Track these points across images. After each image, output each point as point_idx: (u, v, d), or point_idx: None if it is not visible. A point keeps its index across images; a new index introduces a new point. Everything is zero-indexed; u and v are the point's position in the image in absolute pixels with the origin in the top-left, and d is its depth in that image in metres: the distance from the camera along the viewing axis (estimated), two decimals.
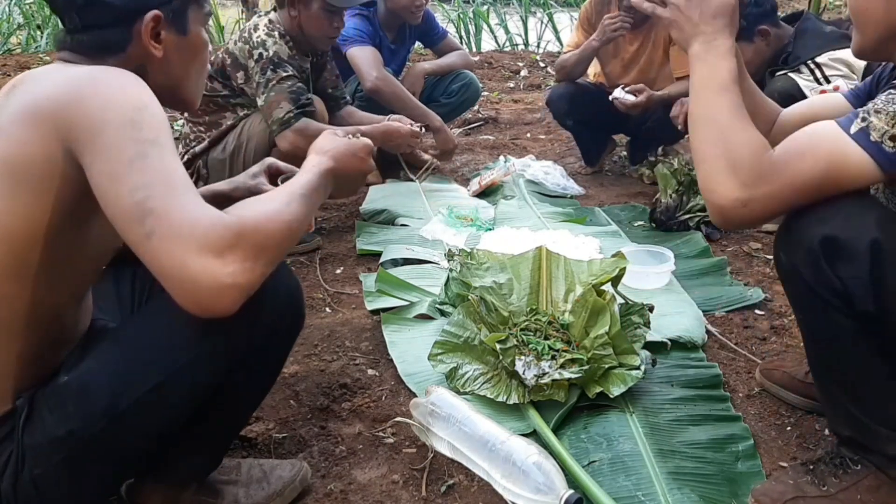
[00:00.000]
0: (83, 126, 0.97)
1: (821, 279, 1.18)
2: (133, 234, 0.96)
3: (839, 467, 1.31)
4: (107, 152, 0.97)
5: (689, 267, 2.39)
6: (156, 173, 0.97)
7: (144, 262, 0.97)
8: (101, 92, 1.00)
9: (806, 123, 1.23)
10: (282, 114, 2.44)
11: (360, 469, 1.50)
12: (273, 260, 1.02)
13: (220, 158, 2.54)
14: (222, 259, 0.95)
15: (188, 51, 1.19)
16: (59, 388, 1.07)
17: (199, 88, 1.27)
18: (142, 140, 0.97)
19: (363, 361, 1.90)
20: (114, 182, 0.96)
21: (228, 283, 0.95)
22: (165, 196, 0.96)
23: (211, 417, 1.22)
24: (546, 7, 7.57)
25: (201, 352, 1.08)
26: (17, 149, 0.99)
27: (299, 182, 1.15)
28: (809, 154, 1.15)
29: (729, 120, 1.19)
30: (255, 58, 2.47)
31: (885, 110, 1.12)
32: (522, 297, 1.88)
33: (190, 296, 0.95)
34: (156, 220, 0.95)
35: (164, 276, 0.96)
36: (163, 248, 0.94)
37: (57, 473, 1.06)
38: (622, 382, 1.62)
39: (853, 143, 1.12)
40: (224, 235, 0.96)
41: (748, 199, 1.15)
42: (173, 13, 1.15)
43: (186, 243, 0.94)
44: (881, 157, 1.11)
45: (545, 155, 3.83)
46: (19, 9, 7.19)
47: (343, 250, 2.66)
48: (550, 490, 1.31)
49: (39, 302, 1.05)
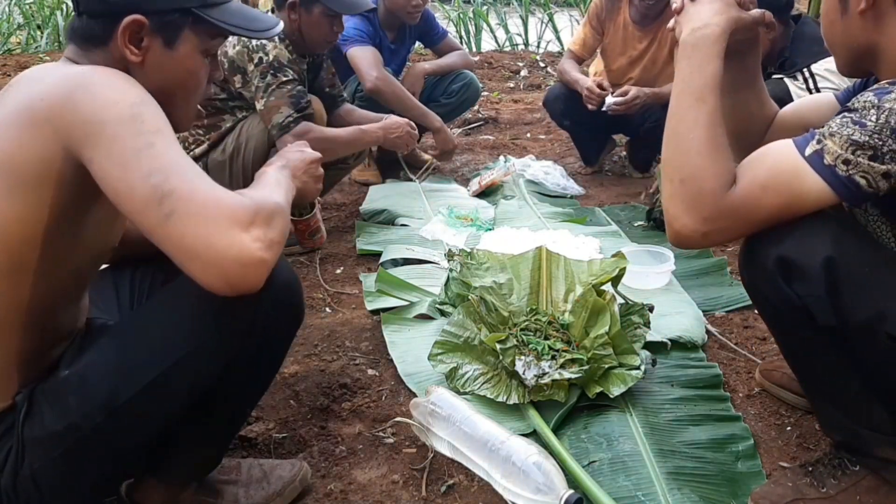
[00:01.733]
0: (82, 124, 0.98)
1: (781, 297, 1.19)
2: (150, 218, 0.96)
3: (838, 468, 1.31)
4: (112, 145, 0.97)
5: (689, 267, 2.39)
6: (167, 159, 0.98)
7: (163, 244, 0.97)
8: (96, 90, 1.00)
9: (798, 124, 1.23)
10: (282, 118, 2.44)
11: (360, 469, 1.51)
12: (281, 238, 1.04)
13: (219, 160, 2.54)
14: (249, 233, 0.96)
15: (170, 68, 1.14)
16: (59, 382, 1.08)
17: (186, 111, 1.21)
18: (145, 132, 0.98)
19: (363, 361, 1.90)
20: (125, 171, 0.96)
21: (259, 256, 0.97)
22: (182, 177, 0.97)
23: (211, 415, 1.22)
24: (546, 7, 7.56)
25: (201, 345, 1.08)
26: (14, 149, 0.99)
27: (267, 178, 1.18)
28: (771, 188, 1.15)
29: (698, 144, 1.18)
30: (255, 62, 2.46)
31: (839, 133, 1.11)
32: (522, 297, 1.88)
33: (218, 271, 0.95)
34: (176, 199, 0.95)
35: (189, 254, 0.96)
36: (186, 226, 0.95)
37: (56, 468, 1.07)
38: (622, 382, 1.62)
39: (809, 170, 1.12)
40: (247, 210, 0.98)
41: (707, 232, 1.17)
42: (162, 24, 1.11)
43: (213, 219, 0.95)
44: (835, 183, 1.11)
45: (545, 155, 3.83)
46: (19, 9, 7.19)
47: (343, 250, 2.66)
48: (550, 490, 1.31)
49: (36, 300, 1.05)
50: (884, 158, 1.08)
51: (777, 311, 1.24)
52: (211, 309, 1.06)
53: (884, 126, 1.08)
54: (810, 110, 1.47)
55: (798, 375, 1.39)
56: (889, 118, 1.08)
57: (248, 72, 2.48)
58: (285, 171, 1.23)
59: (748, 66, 1.42)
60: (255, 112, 2.52)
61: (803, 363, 1.32)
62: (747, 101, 1.46)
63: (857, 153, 1.09)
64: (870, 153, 1.09)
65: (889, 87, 1.11)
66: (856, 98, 1.14)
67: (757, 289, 1.26)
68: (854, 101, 1.13)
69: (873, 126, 1.08)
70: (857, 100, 1.13)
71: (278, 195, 1.12)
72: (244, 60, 2.47)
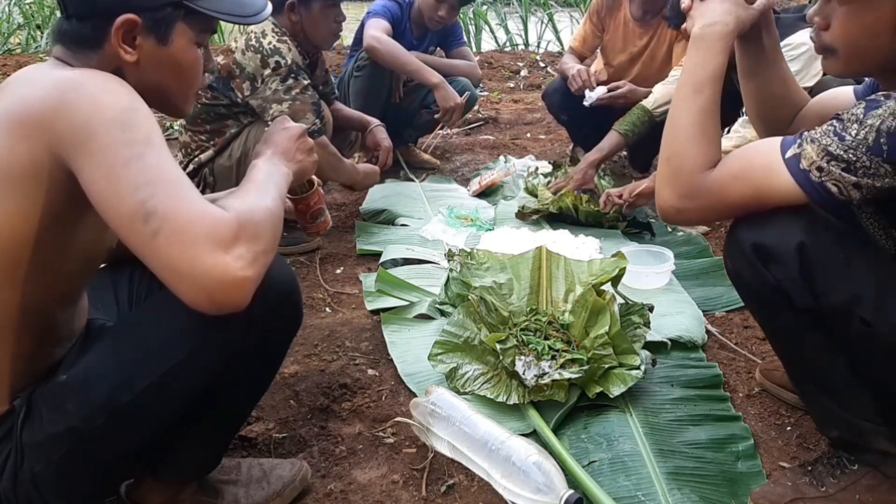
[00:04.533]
0: (70, 131, 0.97)
1: (761, 280, 1.26)
2: (136, 235, 0.96)
3: (837, 467, 1.31)
4: (100, 155, 0.96)
5: (689, 267, 2.39)
6: (155, 172, 0.97)
7: (148, 262, 0.97)
8: (85, 96, 0.99)
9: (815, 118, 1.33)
10: (307, 125, 2.42)
11: (360, 469, 1.51)
12: (270, 248, 1.03)
13: (226, 165, 2.51)
14: (231, 253, 0.96)
15: (167, 63, 1.14)
16: (59, 385, 1.08)
17: (186, 99, 1.21)
18: (134, 141, 0.97)
19: (363, 361, 1.90)
20: (112, 184, 0.96)
21: (241, 275, 0.96)
22: (168, 194, 0.96)
23: (211, 414, 1.22)
24: (546, 7, 7.57)
25: (199, 346, 1.08)
26: (4, 154, 0.98)
27: (257, 173, 1.18)
28: (742, 179, 1.22)
29: (687, 129, 1.28)
30: (273, 66, 2.40)
31: (819, 141, 1.15)
32: (522, 297, 1.88)
33: (202, 292, 0.96)
34: (161, 219, 0.95)
35: (173, 274, 0.96)
36: (171, 246, 0.94)
37: (57, 470, 1.07)
38: (622, 382, 1.62)
39: (784, 170, 1.18)
40: (229, 229, 0.97)
41: (682, 209, 1.28)
42: (154, 21, 1.10)
43: (195, 240, 0.94)
44: (807, 186, 1.16)
45: (545, 155, 3.83)
46: (19, 9, 7.19)
47: (343, 250, 2.66)
48: (550, 490, 1.31)
49: (30, 303, 1.05)
50: (857, 172, 1.12)
51: (758, 294, 1.29)
52: None
53: (861, 143, 1.11)
54: (827, 104, 1.50)
55: (787, 365, 1.41)
56: (868, 136, 1.10)
57: (262, 78, 2.41)
58: (275, 159, 1.23)
59: (765, 47, 1.47)
60: (259, 118, 2.50)
61: (789, 348, 1.35)
62: (769, 83, 1.51)
63: (831, 163, 1.13)
64: (843, 165, 1.12)
65: (881, 100, 1.12)
66: (848, 109, 1.16)
67: (738, 273, 1.31)
68: (845, 112, 1.16)
69: (851, 141, 1.12)
70: (848, 110, 1.15)
71: (268, 197, 1.10)
72: (257, 67, 2.41)
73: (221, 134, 2.53)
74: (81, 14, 1.10)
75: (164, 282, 0.98)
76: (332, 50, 5.29)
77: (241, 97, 2.47)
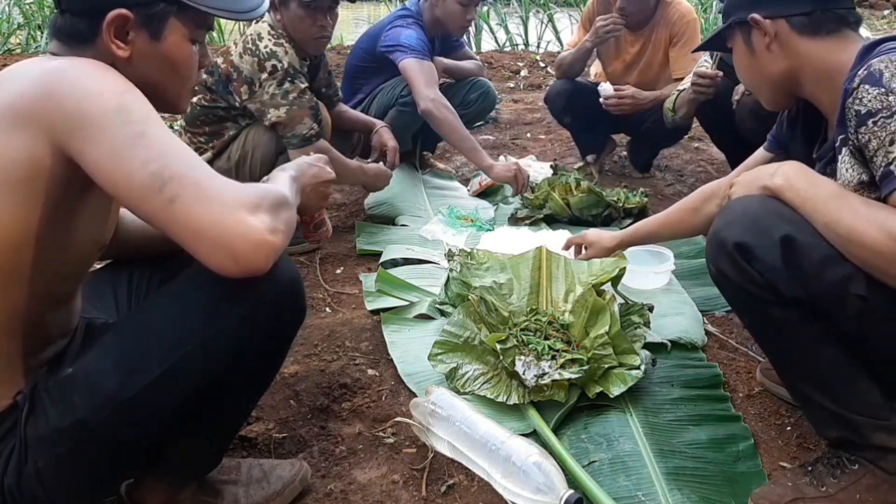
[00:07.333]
0: (66, 118, 0.97)
1: (745, 277, 1.26)
2: (152, 204, 0.96)
3: (837, 467, 1.31)
4: (102, 137, 0.96)
5: (689, 267, 2.39)
6: (163, 145, 0.98)
7: (168, 228, 0.97)
8: (77, 83, 0.99)
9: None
10: (305, 130, 2.43)
11: (360, 469, 1.51)
12: (287, 229, 1.05)
13: (225, 168, 2.49)
14: (255, 215, 0.98)
15: (160, 59, 1.13)
16: (63, 379, 1.08)
17: (181, 96, 1.20)
18: (134, 121, 0.98)
19: (363, 361, 1.90)
20: (120, 162, 0.96)
21: (266, 237, 0.98)
22: (181, 162, 0.98)
23: (211, 412, 1.22)
24: (546, 7, 7.57)
25: (207, 338, 1.08)
26: (3, 153, 0.98)
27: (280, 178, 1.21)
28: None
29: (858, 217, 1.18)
30: (269, 70, 2.39)
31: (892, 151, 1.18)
32: (522, 297, 1.88)
33: (226, 250, 0.96)
34: (178, 185, 0.95)
35: (196, 234, 0.96)
36: (191, 207, 0.95)
37: (61, 465, 1.06)
38: (622, 382, 1.62)
39: None
40: (254, 194, 0.99)
41: None
42: (147, 17, 1.10)
43: (218, 201, 0.96)
44: None
45: (545, 155, 3.83)
46: (19, 9, 7.19)
47: (343, 250, 2.66)
48: (550, 490, 1.31)
49: (31, 301, 1.05)
50: None
51: (745, 291, 1.28)
52: (216, 303, 1.07)
53: None
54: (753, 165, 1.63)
55: (779, 367, 1.41)
56: None
57: (259, 81, 2.40)
58: (296, 182, 1.24)
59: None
60: (258, 121, 2.49)
61: (779, 347, 1.35)
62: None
63: None
64: None
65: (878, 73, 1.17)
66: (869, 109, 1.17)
67: (722, 273, 1.31)
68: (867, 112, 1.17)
69: None
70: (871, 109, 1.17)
71: (286, 190, 1.14)
72: (254, 70, 2.40)
73: (220, 136, 2.53)
74: (75, 9, 1.10)
75: (183, 245, 0.97)
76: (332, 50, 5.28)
77: (239, 101, 2.46)
